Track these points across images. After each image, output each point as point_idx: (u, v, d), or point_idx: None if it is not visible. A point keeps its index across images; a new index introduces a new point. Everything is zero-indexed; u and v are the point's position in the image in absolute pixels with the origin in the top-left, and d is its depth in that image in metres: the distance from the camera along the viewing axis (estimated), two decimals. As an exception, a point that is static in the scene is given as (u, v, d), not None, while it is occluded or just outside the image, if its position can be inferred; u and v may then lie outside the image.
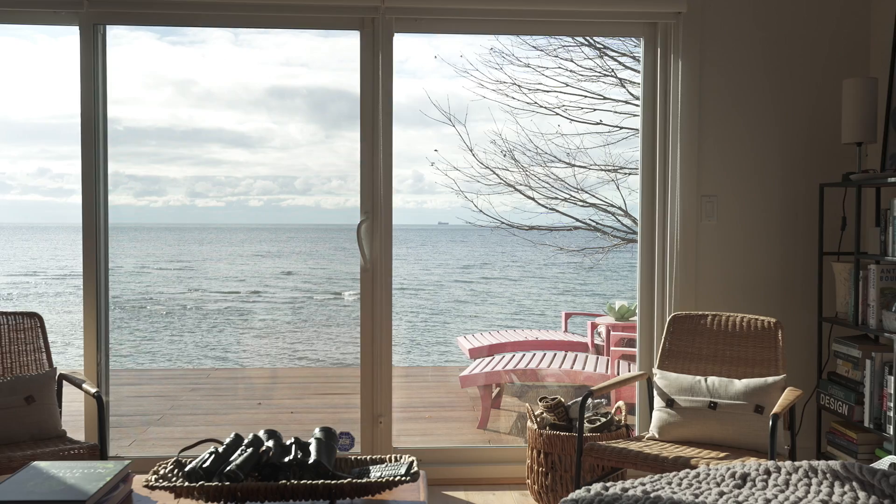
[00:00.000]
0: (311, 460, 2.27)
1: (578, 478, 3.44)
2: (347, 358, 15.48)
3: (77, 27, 4.02)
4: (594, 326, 6.70)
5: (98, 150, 4.10)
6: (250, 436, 2.37)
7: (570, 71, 9.56)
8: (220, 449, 2.32)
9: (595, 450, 3.36)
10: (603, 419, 3.77)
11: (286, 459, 2.27)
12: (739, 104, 4.15)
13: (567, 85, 9.64)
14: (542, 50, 9.77)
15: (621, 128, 9.54)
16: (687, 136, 4.08)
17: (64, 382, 3.76)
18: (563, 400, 3.92)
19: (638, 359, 4.32)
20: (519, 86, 9.72)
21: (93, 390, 3.46)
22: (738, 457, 3.24)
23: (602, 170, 9.73)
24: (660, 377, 3.65)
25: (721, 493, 2.23)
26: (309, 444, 2.35)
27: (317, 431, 2.43)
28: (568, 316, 7.69)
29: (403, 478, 2.22)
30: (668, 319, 3.89)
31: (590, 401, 3.91)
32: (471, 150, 9.95)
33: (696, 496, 2.24)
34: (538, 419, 3.84)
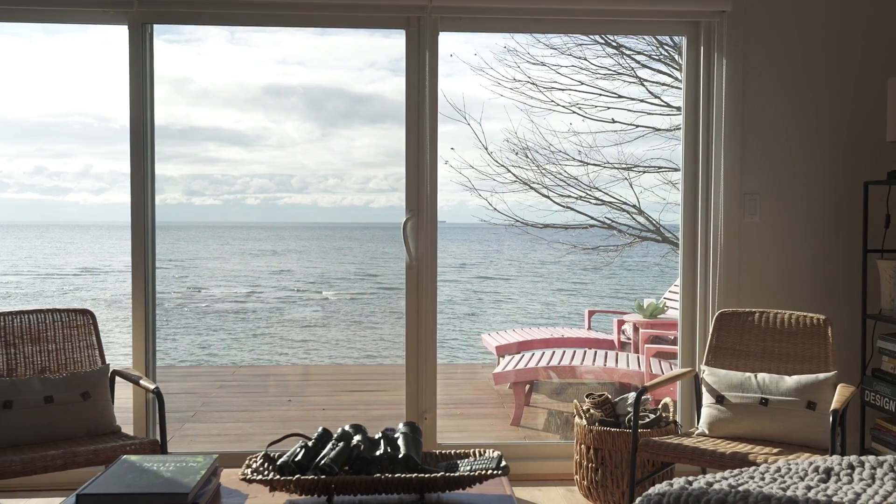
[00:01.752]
0: (401, 454, 2.30)
1: (633, 473, 3.47)
2: (372, 356, 15.53)
3: (126, 27, 4.03)
4: (620, 324, 6.73)
5: (146, 150, 4.11)
6: (339, 430, 2.40)
7: (584, 70, 9.61)
8: (310, 443, 2.35)
9: (650, 445, 3.39)
10: (652, 415, 3.80)
11: (377, 453, 2.30)
12: (782, 102, 4.18)
13: (581, 83, 9.69)
14: (556, 48, 9.82)
15: (637, 126, 9.61)
16: (730, 134, 4.11)
17: (116, 378, 3.79)
18: (609, 396, 3.96)
19: (680, 356, 4.36)
20: (535, 84, 9.77)
21: (151, 386, 3.49)
22: (790, 453, 3.28)
23: (619, 168, 9.78)
24: (708, 374, 3.69)
25: (808, 488, 2.26)
26: (397, 437, 2.38)
27: (401, 426, 2.46)
28: (591, 313, 7.72)
29: (495, 471, 2.25)
30: (714, 317, 3.92)
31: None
32: (485, 148, 10.01)
33: (784, 490, 2.27)
34: (587, 415, 3.87)
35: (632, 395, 3.95)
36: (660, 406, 3.92)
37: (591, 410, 3.91)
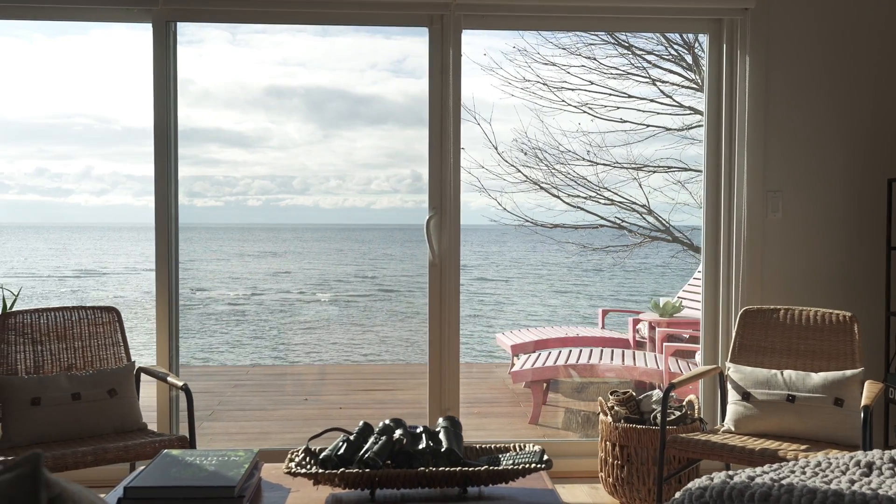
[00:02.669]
0: (443, 448, 2.30)
1: (661, 470, 3.48)
2: (383, 355, 15.54)
3: (150, 24, 4.04)
4: (635, 323, 6.74)
5: (170, 150, 4.12)
6: (380, 424, 2.40)
7: (594, 70, 9.62)
8: (352, 437, 2.35)
9: (679, 442, 3.40)
10: (677, 412, 3.80)
11: (420, 447, 2.30)
12: (804, 98, 4.18)
13: (591, 83, 9.70)
14: (565, 48, 9.83)
15: (647, 126, 9.61)
16: (753, 131, 4.12)
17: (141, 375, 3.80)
18: (633, 394, 3.96)
19: (702, 353, 4.36)
20: (545, 84, 9.77)
21: (180, 383, 3.49)
22: (819, 449, 3.28)
23: (628, 168, 9.79)
24: (734, 371, 3.69)
25: (852, 481, 2.27)
26: (438, 432, 2.38)
27: (440, 420, 2.46)
28: (605, 313, 7.72)
29: (539, 465, 2.25)
30: (738, 314, 3.92)
31: (661, 395, 3.95)
32: (495, 148, 10.00)
33: (827, 483, 2.27)
34: (612, 413, 3.87)
35: (657, 393, 3.96)
36: (684, 403, 3.93)
37: (616, 408, 3.91)
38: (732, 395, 3.64)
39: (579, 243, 11.09)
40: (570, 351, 5.98)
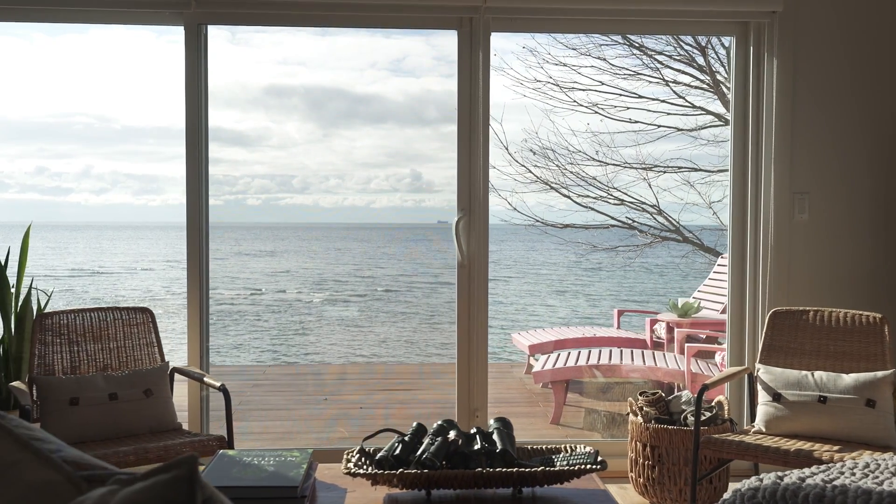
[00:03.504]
0: (498, 449, 2.33)
1: (696, 470, 3.50)
2: (399, 355, 15.57)
3: (182, 27, 4.06)
4: (653, 323, 6.76)
5: (201, 151, 4.14)
6: (434, 425, 2.43)
7: (606, 70, 9.65)
8: (406, 438, 2.38)
9: (712, 443, 3.43)
10: (708, 413, 3.83)
11: (475, 448, 2.32)
12: (831, 101, 4.21)
13: (602, 83, 9.73)
14: (575, 48, 9.86)
15: (658, 126, 9.64)
16: (780, 133, 4.14)
17: (176, 375, 3.82)
18: (663, 394, 3.99)
19: (728, 355, 4.39)
20: (556, 84, 9.80)
21: (217, 384, 3.52)
22: (852, 450, 3.30)
23: (638, 168, 9.82)
24: (764, 372, 3.71)
25: (904, 481, 2.29)
26: (491, 432, 2.41)
27: (492, 422, 2.49)
28: (620, 313, 7.75)
29: (594, 466, 2.28)
30: (766, 315, 3.95)
31: (691, 396, 3.99)
32: (506, 148, 10.03)
33: (879, 484, 2.30)
34: (643, 413, 3.90)
35: (686, 394, 3.98)
36: (713, 403, 3.95)
37: (646, 408, 3.94)
38: (763, 396, 3.67)
39: (588, 243, 11.15)
40: (590, 351, 6.01)
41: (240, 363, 14.09)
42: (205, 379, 3.64)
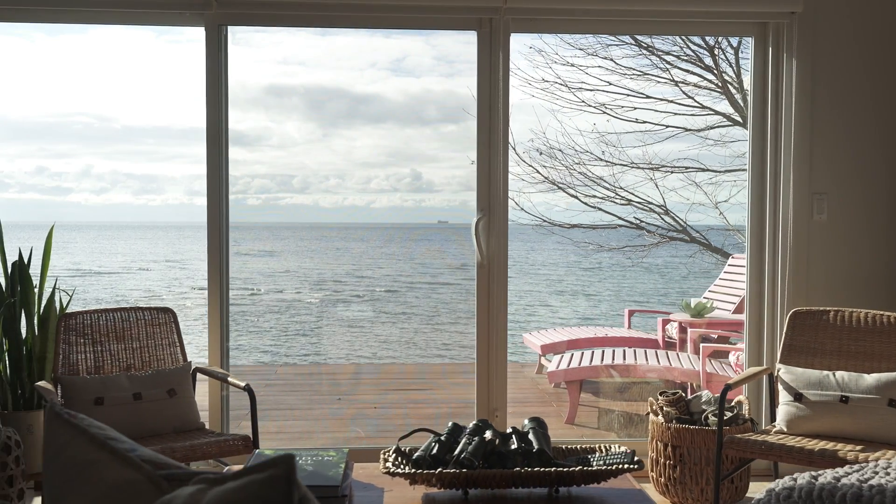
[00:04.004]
0: (534, 448, 2.34)
1: (719, 470, 3.52)
2: (401, 356, 15.57)
3: (202, 28, 4.06)
4: (665, 323, 6.78)
5: (222, 151, 4.15)
6: (470, 425, 2.44)
7: (613, 70, 9.67)
8: (443, 438, 2.39)
9: (736, 443, 3.44)
10: (729, 413, 3.84)
11: (512, 447, 2.33)
12: (849, 102, 4.22)
13: (610, 84, 9.75)
14: (582, 48, 9.88)
15: (666, 126, 9.66)
16: (799, 134, 4.15)
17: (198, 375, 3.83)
18: (683, 394, 4.00)
19: (746, 355, 4.40)
20: (564, 84, 9.82)
21: (242, 384, 3.53)
22: (874, 450, 3.31)
23: (645, 168, 9.83)
24: (784, 372, 3.72)
25: (940, 481, 2.30)
26: (527, 432, 2.42)
27: (526, 421, 2.50)
28: (631, 313, 7.77)
29: (632, 465, 2.29)
30: (785, 315, 3.96)
31: (711, 396, 4.00)
32: (514, 148, 10.02)
33: (916, 483, 2.30)
34: (663, 413, 3.91)
35: (706, 393, 4.00)
36: (734, 403, 3.96)
37: (666, 408, 3.95)
38: (784, 396, 3.68)
39: (595, 243, 11.17)
40: (604, 351, 6.02)
41: (240, 363, 14.10)
42: (229, 379, 3.65)
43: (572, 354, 5.88)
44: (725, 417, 3.84)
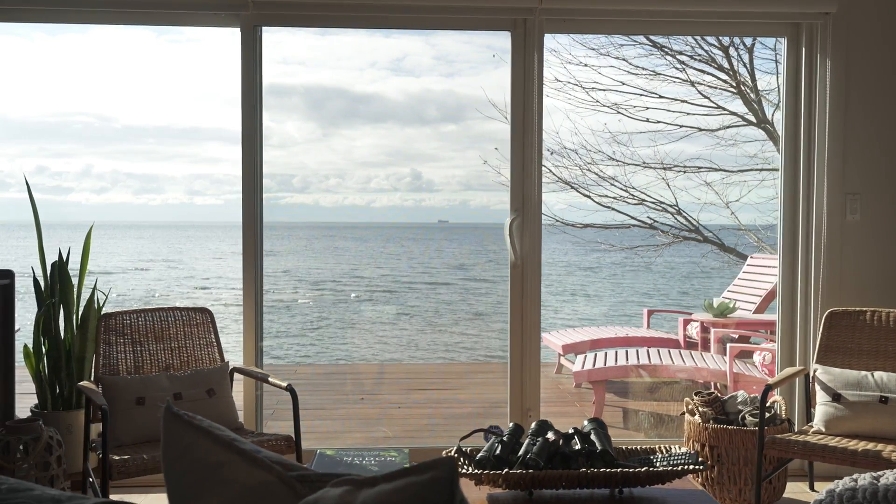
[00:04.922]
0: (598, 449, 2.34)
1: (760, 470, 3.52)
2: (409, 356, 15.58)
3: (238, 29, 4.06)
4: (686, 323, 6.78)
5: (257, 152, 4.15)
6: (533, 425, 2.44)
7: (626, 70, 9.67)
8: (505, 438, 2.39)
9: (776, 443, 3.44)
10: (767, 414, 3.84)
11: (575, 448, 2.34)
12: (882, 102, 4.22)
13: (623, 84, 9.75)
14: (594, 48, 9.88)
15: (680, 126, 9.66)
16: (833, 134, 4.15)
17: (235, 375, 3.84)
18: (718, 395, 4.01)
19: (778, 355, 4.40)
20: (579, 84, 9.82)
21: (283, 384, 3.53)
22: (916, 450, 3.32)
23: (657, 168, 9.84)
24: (822, 372, 3.73)
25: None
26: (588, 433, 2.42)
27: (586, 422, 2.50)
28: (650, 313, 7.77)
29: (696, 466, 2.30)
30: (820, 316, 3.97)
31: (746, 396, 4.00)
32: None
33: (980, 484, 2.31)
34: (700, 413, 3.91)
35: (741, 394, 4.00)
36: (770, 404, 3.97)
37: (702, 408, 3.95)
38: (821, 396, 3.68)
39: (607, 242, 11.19)
40: (627, 351, 6.03)
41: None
42: (270, 379, 3.65)
43: (596, 354, 5.89)
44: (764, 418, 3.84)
